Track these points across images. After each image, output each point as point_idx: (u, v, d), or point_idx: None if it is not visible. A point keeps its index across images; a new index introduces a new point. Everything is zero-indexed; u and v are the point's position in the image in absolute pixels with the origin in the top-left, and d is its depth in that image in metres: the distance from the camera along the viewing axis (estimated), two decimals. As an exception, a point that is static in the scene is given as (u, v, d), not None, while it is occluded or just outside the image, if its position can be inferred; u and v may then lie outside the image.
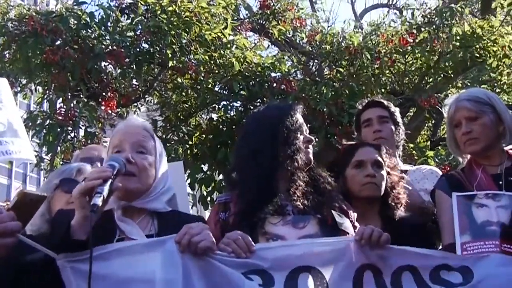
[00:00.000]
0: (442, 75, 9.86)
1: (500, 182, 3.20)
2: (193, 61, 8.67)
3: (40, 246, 2.34)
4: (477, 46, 9.16)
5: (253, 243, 2.61)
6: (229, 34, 8.84)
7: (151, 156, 2.82)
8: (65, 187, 3.35)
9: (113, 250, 2.42)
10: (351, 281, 2.61)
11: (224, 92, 9.24)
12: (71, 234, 2.34)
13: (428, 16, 9.45)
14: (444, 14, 9.12)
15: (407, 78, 9.99)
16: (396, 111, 4.49)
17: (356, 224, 3.02)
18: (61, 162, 9.03)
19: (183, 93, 9.89)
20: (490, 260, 2.73)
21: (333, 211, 2.90)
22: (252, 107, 8.86)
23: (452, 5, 9.77)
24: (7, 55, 8.73)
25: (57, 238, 2.37)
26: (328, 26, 12.76)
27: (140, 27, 8.58)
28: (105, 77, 8.78)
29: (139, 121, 3.01)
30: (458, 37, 9.05)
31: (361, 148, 3.60)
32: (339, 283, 2.59)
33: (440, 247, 3.35)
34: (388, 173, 3.56)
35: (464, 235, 2.91)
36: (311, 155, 3.06)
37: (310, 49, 10.56)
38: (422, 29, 9.26)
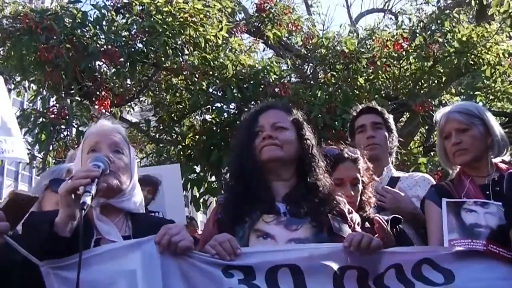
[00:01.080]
0: (436, 81, 9.88)
1: (488, 192, 3.28)
2: (188, 61, 8.64)
3: (24, 251, 2.31)
4: (472, 53, 9.18)
5: (239, 246, 2.61)
6: (224, 37, 8.82)
7: (126, 157, 2.85)
8: (55, 188, 3.34)
9: (94, 255, 2.42)
10: (331, 280, 2.60)
11: (218, 93, 9.22)
12: (55, 231, 2.34)
13: (425, 21, 9.47)
14: (440, 20, 9.14)
15: (401, 84, 10.00)
16: (390, 117, 4.51)
17: (357, 228, 3.02)
18: (53, 161, 8.99)
19: (177, 94, 9.87)
20: (474, 264, 2.75)
21: (330, 217, 2.89)
22: (246, 110, 8.85)
23: (448, 11, 9.81)
24: (1, 52, 8.71)
25: (40, 236, 2.35)
26: (324, 30, 12.76)
27: (135, 27, 8.55)
28: (99, 76, 8.75)
29: (113, 125, 3.04)
30: (453, 43, 9.08)
31: (342, 164, 3.60)
32: (319, 282, 2.58)
33: None
34: (361, 174, 3.62)
35: (452, 234, 2.95)
36: (272, 152, 3.02)
37: (305, 52, 10.57)
38: (418, 34, 9.28)
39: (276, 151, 3.02)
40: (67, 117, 8.07)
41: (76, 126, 8.56)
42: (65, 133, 8.66)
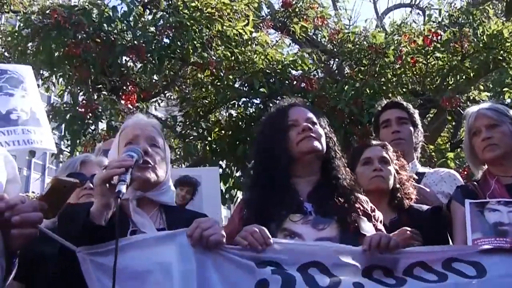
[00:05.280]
0: (464, 77, 9.76)
1: None
2: (213, 57, 8.66)
3: (60, 238, 2.36)
4: (501, 48, 9.04)
5: (270, 236, 2.62)
6: (251, 32, 8.82)
7: (162, 151, 2.91)
8: None
9: (130, 243, 2.46)
10: (359, 271, 2.62)
11: (244, 88, 9.22)
12: (90, 220, 2.40)
13: (454, 15, 9.35)
14: (470, 14, 9.03)
15: (429, 79, 9.89)
16: (415, 112, 4.49)
17: (380, 227, 3.02)
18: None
19: (203, 89, 9.90)
20: (505, 258, 2.73)
21: (356, 217, 2.90)
22: (271, 104, 8.82)
23: (478, 5, 9.68)
24: (30, 47, 8.82)
25: (76, 224, 2.40)
26: (350, 25, 12.66)
27: (161, 22, 8.60)
28: (125, 71, 8.82)
29: (148, 118, 3.10)
30: (482, 38, 8.96)
31: (369, 147, 3.74)
32: (349, 279, 2.59)
33: None
34: (397, 171, 3.67)
35: (475, 233, 2.94)
36: (313, 143, 3.01)
37: (332, 47, 10.52)
38: (447, 29, 9.18)
39: (317, 143, 3.02)
40: (96, 111, 8.16)
41: (104, 121, 8.63)
42: (92, 127, 8.73)
